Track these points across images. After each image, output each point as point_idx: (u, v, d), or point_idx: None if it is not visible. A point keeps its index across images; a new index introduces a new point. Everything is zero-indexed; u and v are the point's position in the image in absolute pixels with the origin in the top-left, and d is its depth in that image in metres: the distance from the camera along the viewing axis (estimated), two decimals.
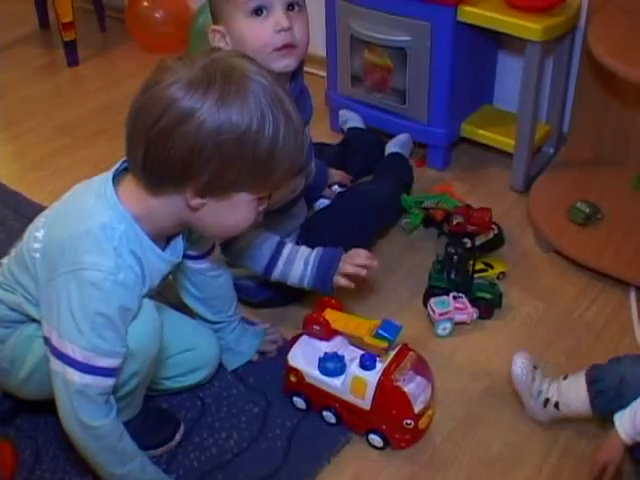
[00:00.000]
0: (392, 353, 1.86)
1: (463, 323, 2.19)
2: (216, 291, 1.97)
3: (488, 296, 2.21)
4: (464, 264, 2.22)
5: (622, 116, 2.66)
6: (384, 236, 2.53)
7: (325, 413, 1.92)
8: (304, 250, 2.04)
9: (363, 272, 2.03)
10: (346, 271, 2.02)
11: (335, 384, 1.87)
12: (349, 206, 2.37)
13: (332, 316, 1.93)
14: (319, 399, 1.91)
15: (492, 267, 2.35)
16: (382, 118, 2.87)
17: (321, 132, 2.99)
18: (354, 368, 1.84)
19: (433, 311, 2.15)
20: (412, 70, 2.69)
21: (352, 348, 1.93)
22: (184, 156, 1.41)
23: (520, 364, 1.89)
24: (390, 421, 1.85)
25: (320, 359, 1.89)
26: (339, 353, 1.90)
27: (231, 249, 2.01)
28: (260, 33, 1.87)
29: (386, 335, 1.86)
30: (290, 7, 1.89)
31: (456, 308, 2.15)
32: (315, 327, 1.92)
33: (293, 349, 1.95)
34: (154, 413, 1.89)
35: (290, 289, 2.12)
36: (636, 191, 2.57)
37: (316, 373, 1.89)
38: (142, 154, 1.44)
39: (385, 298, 2.31)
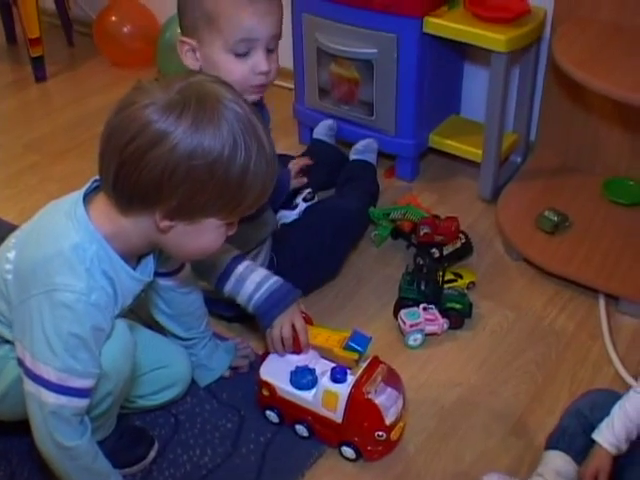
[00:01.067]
0: (363, 365, 1.87)
1: (434, 334, 2.20)
2: (187, 308, 1.96)
3: (458, 306, 2.22)
4: (433, 275, 2.23)
5: (588, 124, 2.69)
6: (354, 248, 2.53)
7: (298, 427, 1.92)
8: (261, 272, 1.98)
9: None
10: (281, 333, 1.96)
11: (307, 397, 1.87)
12: (318, 223, 2.37)
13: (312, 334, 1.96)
14: (292, 413, 1.92)
15: (461, 277, 2.36)
16: (350, 130, 2.88)
17: (289, 144, 3.01)
18: (325, 381, 1.84)
19: (404, 322, 2.16)
20: (379, 82, 2.71)
21: (324, 361, 1.93)
22: (155, 178, 1.41)
23: None
24: (362, 433, 1.85)
25: (292, 373, 1.90)
26: (310, 366, 1.91)
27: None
28: (238, 71, 1.91)
29: (356, 347, 1.89)
30: (269, 50, 1.93)
31: (426, 319, 2.16)
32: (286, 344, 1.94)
33: (265, 363, 1.95)
34: (128, 431, 1.88)
35: None
36: (603, 198, 2.60)
37: (288, 387, 1.89)
38: (114, 173, 1.44)
39: (355, 310, 2.32)
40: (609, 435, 1.67)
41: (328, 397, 1.84)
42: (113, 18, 3.66)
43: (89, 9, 3.95)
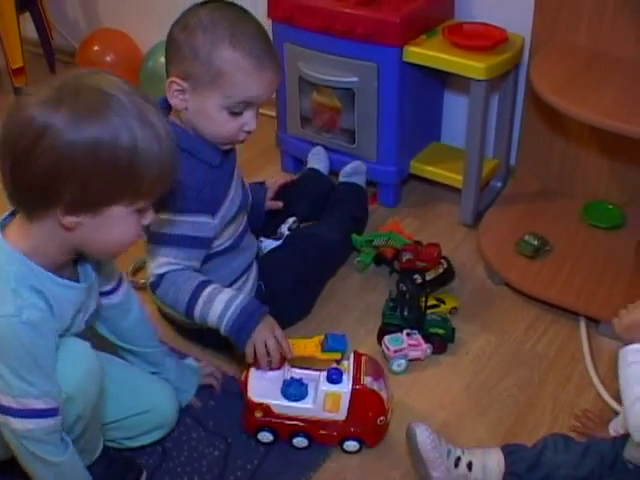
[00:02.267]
0: (348, 362, 1.94)
1: (417, 359, 2.22)
2: (131, 324, 1.95)
3: (441, 332, 2.25)
4: (416, 301, 2.25)
5: (567, 149, 2.73)
6: (337, 275, 2.56)
7: (296, 439, 1.96)
8: (228, 292, 1.98)
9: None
10: (263, 347, 1.95)
11: (307, 406, 1.92)
12: (301, 252, 2.40)
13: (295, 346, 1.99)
14: (288, 427, 1.95)
15: (444, 303, 2.38)
16: (332, 158, 2.90)
17: (272, 172, 3.03)
18: (323, 386, 1.88)
19: (387, 348, 2.18)
20: (360, 110, 2.74)
21: (296, 370, 1.98)
22: (45, 174, 1.41)
23: (423, 428, 1.84)
24: (366, 423, 1.93)
25: (283, 388, 1.93)
26: (295, 377, 1.95)
27: (158, 290, 2.00)
28: (229, 127, 1.95)
29: (337, 347, 1.95)
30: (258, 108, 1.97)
31: (410, 345, 2.19)
32: (267, 359, 1.94)
33: (250, 386, 1.96)
34: (116, 460, 1.88)
35: None
36: (583, 222, 2.63)
37: (284, 402, 1.92)
38: (10, 178, 1.45)
39: None
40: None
41: (330, 399, 1.89)
42: (96, 47, 3.68)
43: (72, 38, 3.97)
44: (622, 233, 2.59)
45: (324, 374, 1.90)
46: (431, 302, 2.33)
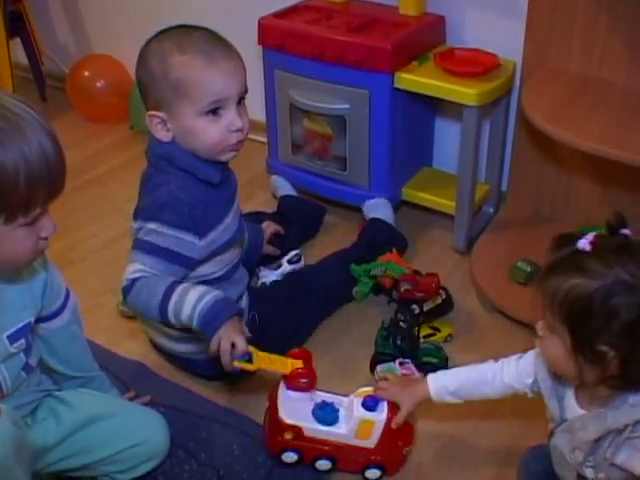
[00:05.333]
0: (369, 388, 1.95)
1: None
2: (74, 345, 1.92)
3: (434, 360, 2.23)
4: (410, 330, 2.24)
5: (559, 174, 2.73)
6: None
7: (320, 462, 1.95)
8: (201, 287, 1.93)
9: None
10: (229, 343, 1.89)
11: (340, 431, 1.91)
12: (301, 294, 2.41)
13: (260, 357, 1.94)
14: (315, 450, 1.93)
15: (439, 330, 2.38)
16: (323, 185, 2.90)
17: (263, 200, 3.03)
18: (357, 412, 1.88)
19: (380, 378, 2.17)
20: (352, 137, 2.74)
21: (324, 393, 1.97)
22: None
23: None
24: (393, 453, 1.94)
25: (315, 411, 1.92)
26: (327, 401, 1.94)
27: (130, 294, 1.94)
28: (215, 132, 1.94)
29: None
30: (239, 101, 1.96)
31: (403, 374, 2.17)
32: (302, 380, 1.93)
33: (281, 408, 1.93)
34: None
35: None
36: None
37: (318, 426, 1.91)
38: None
39: (334, 365, 2.32)
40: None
41: (364, 426, 1.89)
42: (86, 73, 3.67)
43: (62, 63, 3.97)
44: None
45: (359, 400, 1.90)
46: (426, 331, 2.32)
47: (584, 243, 1.46)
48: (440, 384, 1.87)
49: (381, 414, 1.88)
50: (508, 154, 2.87)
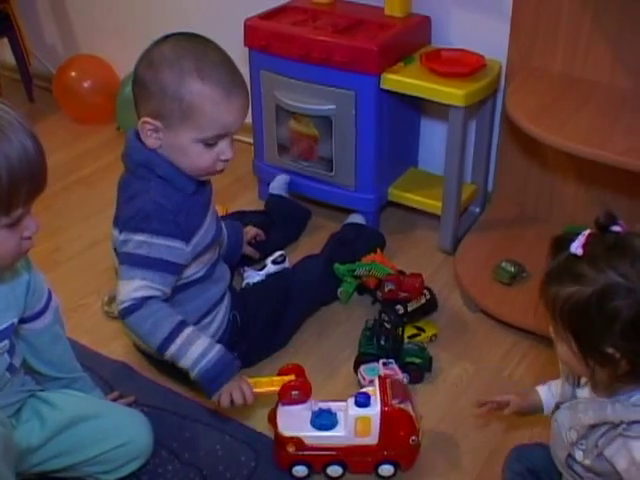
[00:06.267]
0: (374, 387, 1.95)
1: None
2: (56, 346, 1.92)
3: (418, 361, 2.24)
4: (393, 330, 2.25)
5: (544, 174, 2.74)
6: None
7: (330, 469, 1.96)
8: (206, 339, 1.97)
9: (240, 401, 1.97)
10: (230, 399, 1.96)
11: (339, 434, 1.92)
12: (279, 292, 2.40)
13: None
14: (322, 458, 1.95)
15: (424, 331, 2.39)
16: (310, 186, 2.90)
17: (249, 200, 3.04)
18: (352, 411, 1.89)
19: (363, 378, 2.18)
20: (338, 138, 2.74)
21: (321, 402, 1.98)
22: None
23: None
24: (399, 444, 1.93)
25: (313, 418, 1.93)
26: (323, 407, 1.95)
27: (134, 314, 1.93)
28: (207, 159, 1.97)
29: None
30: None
31: (386, 374, 2.17)
32: (294, 393, 1.94)
33: (280, 421, 1.95)
34: None
35: None
36: None
37: (315, 432, 1.92)
38: None
39: (317, 365, 2.32)
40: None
41: (361, 424, 1.90)
42: (73, 73, 3.66)
43: (49, 64, 3.97)
44: None
45: (352, 400, 1.91)
46: (411, 331, 2.33)
47: (576, 247, 1.46)
48: (546, 388, 1.85)
49: (374, 408, 1.89)
50: (494, 154, 2.87)
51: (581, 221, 2.67)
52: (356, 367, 2.25)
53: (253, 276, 2.51)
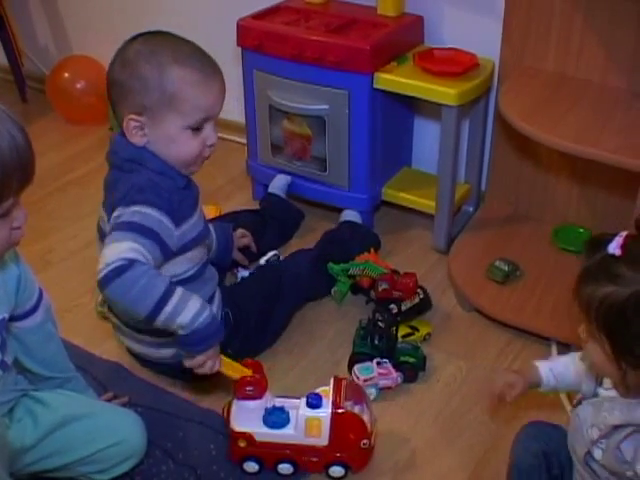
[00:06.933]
0: (328, 387, 1.95)
1: (388, 388, 2.21)
2: (49, 345, 1.92)
3: (412, 360, 2.24)
4: (387, 329, 2.25)
5: (537, 173, 2.74)
6: (313, 303, 2.55)
7: (281, 466, 1.96)
8: (198, 297, 1.86)
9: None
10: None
11: (289, 433, 1.92)
12: (268, 284, 2.40)
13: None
14: (273, 455, 1.95)
15: (418, 330, 2.39)
16: (304, 186, 2.91)
17: (243, 200, 3.03)
18: (303, 411, 1.90)
19: (357, 377, 2.18)
20: (331, 138, 2.74)
21: (278, 399, 1.98)
22: None
23: None
24: (349, 447, 1.94)
25: (265, 416, 1.93)
26: (277, 405, 1.95)
27: (125, 275, 1.75)
28: (195, 145, 1.99)
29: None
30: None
31: (380, 374, 2.18)
32: (248, 389, 1.93)
33: (233, 416, 1.95)
34: None
35: None
36: (553, 246, 2.64)
37: (266, 430, 1.92)
38: None
39: (311, 365, 2.33)
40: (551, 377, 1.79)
41: (311, 424, 1.90)
42: (66, 74, 3.66)
43: (42, 65, 3.96)
44: None
45: (304, 399, 1.92)
46: (405, 330, 2.33)
47: (614, 247, 1.44)
48: (548, 367, 1.82)
49: (325, 410, 1.89)
50: (487, 153, 2.88)
51: (573, 220, 2.71)
52: (350, 366, 2.25)
53: (244, 273, 2.51)
